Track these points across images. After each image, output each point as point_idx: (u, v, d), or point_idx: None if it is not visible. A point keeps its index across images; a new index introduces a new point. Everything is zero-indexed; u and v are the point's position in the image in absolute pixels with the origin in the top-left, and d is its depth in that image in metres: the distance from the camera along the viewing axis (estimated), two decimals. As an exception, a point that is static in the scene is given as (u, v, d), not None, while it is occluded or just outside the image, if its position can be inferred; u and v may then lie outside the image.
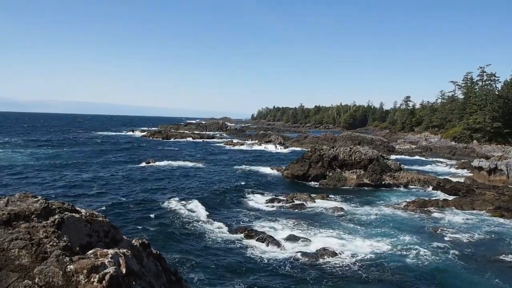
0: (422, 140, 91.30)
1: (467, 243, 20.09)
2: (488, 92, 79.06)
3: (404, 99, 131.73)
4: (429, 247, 19.15)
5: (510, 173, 39.50)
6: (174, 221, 21.48)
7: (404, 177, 37.28)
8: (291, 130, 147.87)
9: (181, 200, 26.90)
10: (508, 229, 22.85)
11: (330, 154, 38.90)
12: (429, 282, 14.97)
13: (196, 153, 60.35)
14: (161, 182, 33.18)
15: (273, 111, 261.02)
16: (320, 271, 15.74)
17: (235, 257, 17.06)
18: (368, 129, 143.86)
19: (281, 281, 14.75)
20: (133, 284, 3.17)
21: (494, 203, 27.88)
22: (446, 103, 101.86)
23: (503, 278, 15.58)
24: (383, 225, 22.73)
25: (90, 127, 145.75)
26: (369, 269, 16.03)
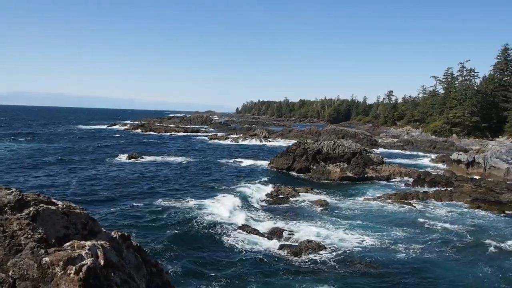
0: (404, 134, 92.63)
1: (449, 234, 20.50)
2: (468, 87, 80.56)
3: (387, 93, 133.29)
4: (411, 239, 19.50)
5: (487, 166, 40.44)
6: (163, 216, 21.30)
7: (386, 170, 37.80)
8: (275, 124, 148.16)
9: (168, 195, 26.77)
10: (487, 220, 23.43)
11: (314, 148, 39.14)
12: (414, 274, 15.23)
13: (181, 147, 59.94)
14: (147, 179, 32.71)
15: (257, 105, 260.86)
16: (304, 264, 15.87)
17: (217, 249, 17.06)
18: (352, 123, 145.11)
19: (264, 273, 14.81)
20: (111, 276, 3.12)
21: (471, 195, 28.54)
22: (427, 97, 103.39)
23: (487, 268, 15.98)
24: (366, 218, 23.03)
25: (70, 120, 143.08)
26: (353, 261, 16.23)
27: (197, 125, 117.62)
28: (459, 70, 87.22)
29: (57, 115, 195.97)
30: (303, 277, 14.51)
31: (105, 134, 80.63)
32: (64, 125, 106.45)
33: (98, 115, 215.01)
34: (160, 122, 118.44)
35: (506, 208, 26.01)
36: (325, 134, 74.76)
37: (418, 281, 14.49)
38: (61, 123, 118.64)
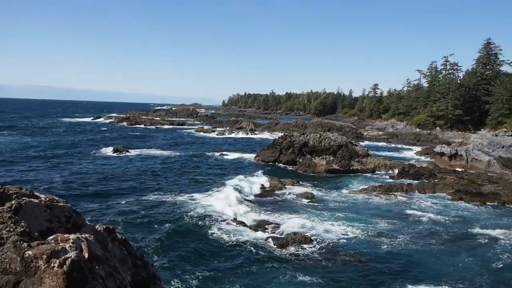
0: (389, 127, 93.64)
1: (433, 225, 20.88)
2: (451, 80, 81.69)
3: (372, 86, 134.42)
4: (396, 230, 19.81)
5: (469, 158, 41.19)
6: (150, 211, 21.16)
7: (371, 162, 38.21)
8: (262, 117, 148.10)
9: (156, 189, 26.63)
10: (469, 211, 23.91)
11: (301, 141, 39.31)
12: (397, 265, 15.48)
13: (167, 141, 59.54)
14: (133, 173, 32.41)
15: (244, 98, 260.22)
16: (290, 255, 16.00)
17: (204, 242, 17.07)
18: (338, 116, 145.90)
19: (250, 264, 14.90)
20: (96, 269, 3.10)
21: (454, 187, 29.07)
22: (412, 91, 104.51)
23: (469, 258, 16.34)
24: (351, 210, 23.28)
25: (54, 113, 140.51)
26: (338, 253, 16.43)
27: (183, 118, 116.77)
28: (443, 64, 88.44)
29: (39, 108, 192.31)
30: (289, 268, 14.63)
31: (90, 127, 79.51)
32: (47, 118, 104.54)
33: (83, 108, 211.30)
34: (145, 115, 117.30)
35: (487, 200, 26.57)
36: (311, 127, 75.10)
37: (402, 272, 14.73)
38: (44, 116, 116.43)
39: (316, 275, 14.17)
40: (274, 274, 14.18)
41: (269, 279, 13.78)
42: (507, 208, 25.14)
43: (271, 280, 13.75)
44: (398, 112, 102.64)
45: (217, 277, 13.76)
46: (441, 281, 13.87)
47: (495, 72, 79.30)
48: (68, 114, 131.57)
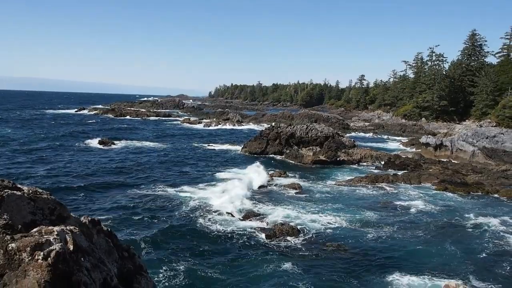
0: (375, 118, 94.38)
1: (417, 215, 21.19)
2: (437, 71, 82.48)
3: (359, 77, 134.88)
4: (381, 220, 20.06)
5: (454, 148, 41.84)
6: (138, 204, 21.03)
7: (358, 153, 38.51)
8: (249, 108, 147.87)
9: (142, 182, 26.46)
10: (454, 201, 24.33)
11: (288, 132, 39.39)
12: (382, 255, 15.70)
13: (153, 132, 59.07)
14: (119, 165, 32.07)
15: (231, 89, 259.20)
16: (277, 245, 16.09)
17: (192, 233, 17.07)
18: (325, 107, 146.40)
19: (236, 254, 14.95)
20: (81, 261, 3.05)
21: (439, 177, 29.51)
22: (398, 82, 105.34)
23: (453, 248, 16.64)
24: (338, 201, 23.49)
25: (36, 104, 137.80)
26: (325, 243, 16.57)
27: (169, 110, 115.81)
28: (429, 55, 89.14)
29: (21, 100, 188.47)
30: (275, 258, 14.73)
31: (74, 119, 78.26)
32: (29, 110, 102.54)
33: (65, 99, 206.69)
34: (130, 107, 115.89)
35: (471, 189, 27.07)
36: (298, 118, 75.28)
37: (386, 262, 14.94)
38: (26, 107, 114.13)
39: (301, 264, 14.31)
40: (260, 264, 14.27)
41: (255, 269, 13.86)
42: (490, 198, 25.65)
43: (257, 269, 13.83)
44: (384, 103, 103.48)
45: (204, 265, 13.80)
46: (425, 271, 14.10)
47: (480, 63, 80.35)
48: (50, 105, 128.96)
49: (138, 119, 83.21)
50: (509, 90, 64.06)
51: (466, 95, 74.84)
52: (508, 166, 35.23)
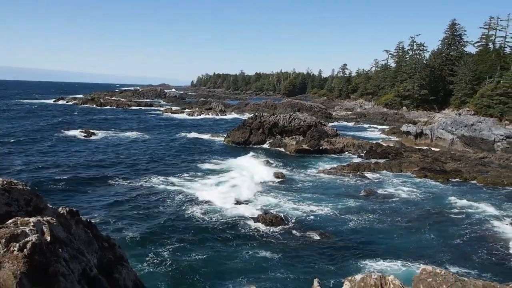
0: (357, 107, 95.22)
1: (398, 203, 21.55)
2: (417, 61, 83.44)
3: (341, 67, 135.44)
4: (363, 208, 20.33)
5: (433, 137, 42.59)
6: (125, 195, 20.78)
7: (340, 142, 38.83)
8: (232, 97, 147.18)
9: (126, 173, 26.14)
10: (433, 188, 24.82)
11: (271, 121, 39.41)
12: (362, 242, 15.95)
13: (135, 122, 58.28)
14: (102, 156, 31.60)
15: (213, 78, 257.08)
16: (260, 234, 16.16)
17: (174, 220, 17.03)
18: (307, 96, 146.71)
19: (221, 243, 14.97)
20: (59, 252, 2.98)
21: (419, 165, 30.03)
22: (380, 71, 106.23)
23: (431, 235, 17.00)
24: (321, 189, 23.69)
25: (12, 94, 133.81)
26: (306, 230, 16.73)
27: (150, 99, 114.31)
28: (410, 44, 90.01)
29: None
30: (258, 246, 14.82)
31: (51, 109, 76.38)
32: (4, 100, 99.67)
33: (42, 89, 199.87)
34: (111, 96, 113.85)
35: (450, 176, 27.66)
36: (281, 108, 75.33)
37: (363, 248, 15.16)
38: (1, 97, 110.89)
39: (284, 251, 14.47)
40: (243, 251, 14.33)
41: (238, 257, 13.93)
42: (468, 184, 26.26)
43: (240, 257, 13.91)
44: (366, 92, 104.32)
45: (189, 254, 13.80)
46: (402, 256, 14.35)
47: (459, 53, 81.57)
48: (27, 95, 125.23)
49: (119, 109, 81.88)
50: (487, 79, 65.34)
51: (446, 84, 76.00)
52: (486, 153, 36.09)
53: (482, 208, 20.58)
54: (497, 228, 17.61)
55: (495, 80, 60.97)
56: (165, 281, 12.08)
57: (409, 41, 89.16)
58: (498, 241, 16.10)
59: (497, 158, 34.40)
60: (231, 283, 12.13)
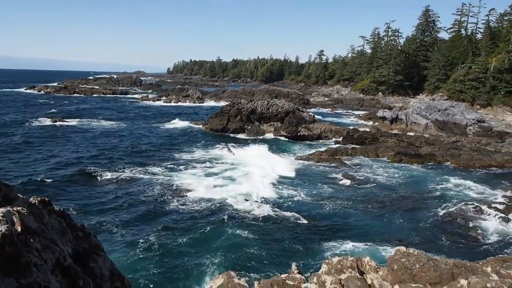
0: (334, 93, 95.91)
1: (373, 187, 21.97)
2: (392, 47, 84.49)
3: (318, 53, 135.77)
4: (339, 192, 20.66)
5: (408, 122, 43.44)
6: (105, 185, 20.44)
7: (318, 128, 39.16)
8: (209, 84, 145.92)
9: (106, 163, 25.69)
10: (408, 172, 25.40)
11: (249, 108, 39.31)
12: (336, 226, 16.26)
13: (110, 110, 57.17)
14: (75, 144, 30.98)
15: (190, 65, 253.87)
16: (236, 219, 16.24)
17: (157, 207, 16.94)
18: (285, 82, 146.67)
19: (200, 226, 14.99)
20: (31, 242, 2.89)
21: (395, 149, 30.64)
22: (356, 57, 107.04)
23: (401, 219, 17.43)
24: (298, 175, 23.91)
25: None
26: (286, 215, 16.91)
27: (126, 87, 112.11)
28: (385, 31, 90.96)
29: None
30: (237, 229, 14.92)
31: (24, 98, 73.97)
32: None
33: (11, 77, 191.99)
34: (85, 84, 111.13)
35: (425, 160, 28.35)
36: (258, 94, 75.23)
37: (336, 232, 15.52)
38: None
39: (260, 234, 14.73)
40: (222, 234, 14.44)
41: (218, 239, 14.02)
42: (442, 168, 26.98)
43: (220, 239, 14.01)
44: (343, 78, 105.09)
45: (172, 240, 13.79)
46: (375, 239, 14.72)
47: (433, 39, 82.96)
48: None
49: (93, 97, 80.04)
50: (459, 65, 66.80)
51: (420, 70, 77.31)
52: (458, 137, 37.09)
53: (454, 191, 21.22)
54: (469, 210, 18.19)
55: (467, 66, 62.39)
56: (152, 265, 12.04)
57: (385, 27, 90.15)
58: (469, 222, 16.65)
59: (469, 142, 35.42)
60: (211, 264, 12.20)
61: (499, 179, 23.65)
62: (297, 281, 4.92)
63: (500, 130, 39.13)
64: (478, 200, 19.35)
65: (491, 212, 16.93)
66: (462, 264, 4.55)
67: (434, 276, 4.39)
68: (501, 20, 76.21)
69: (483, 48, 67.59)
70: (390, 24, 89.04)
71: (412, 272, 4.52)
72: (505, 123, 42.88)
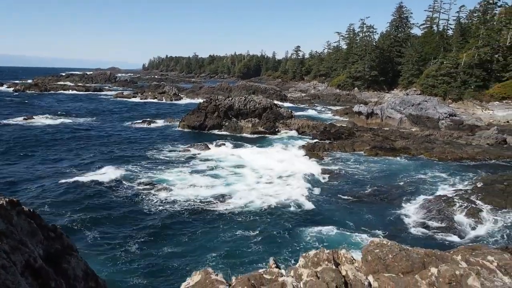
0: (311, 89, 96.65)
1: (350, 180, 22.29)
2: (367, 43, 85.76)
3: (294, 49, 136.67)
4: (314, 186, 20.88)
5: (383, 116, 44.21)
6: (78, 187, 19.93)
7: (295, 123, 39.41)
8: (185, 81, 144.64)
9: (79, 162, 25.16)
10: (383, 165, 25.88)
11: (226, 104, 39.18)
12: (323, 222, 16.43)
13: (83, 108, 55.90)
14: (45, 143, 30.19)
15: (166, 61, 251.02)
16: (218, 217, 16.23)
17: (134, 207, 16.71)
18: (262, 78, 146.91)
19: (178, 225, 14.90)
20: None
21: (370, 144, 31.15)
22: (332, 53, 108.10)
23: (369, 215, 17.77)
24: (277, 171, 24.01)
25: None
26: (264, 212, 16.99)
27: (100, 84, 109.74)
28: (360, 27, 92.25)
29: None
30: (213, 227, 14.91)
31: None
32: None
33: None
34: (56, 81, 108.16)
35: (399, 153, 28.95)
36: (236, 90, 75.03)
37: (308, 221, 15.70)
38: None
39: (240, 228, 14.69)
40: (197, 233, 14.37)
41: (192, 237, 13.95)
42: (416, 160, 27.58)
43: (194, 237, 13.94)
44: (319, 73, 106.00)
45: (153, 241, 13.63)
46: (346, 232, 14.98)
47: (406, 35, 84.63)
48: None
49: (65, 94, 78.03)
50: (431, 60, 68.37)
51: (394, 65, 78.76)
52: (431, 131, 38.01)
53: (427, 183, 21.76)
54: (442, 201, 18.65)
55: (439, 61, 63.93)
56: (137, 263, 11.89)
57: (360, 23, 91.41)
58: (442, 213, 17.09)
59: (442, 135, 36.35)
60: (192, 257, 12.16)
61: (470, 171, 24.37)
62: (275, 275, 4.96)
63: (471, 123, 40.31)
64: (450, 191, 19.89)
65: (462, 203, 17.43)
66: (433, 253, 4.68)
67: (406, 265, 4.52)
68: (470, 17, 78.45)
69: (454, 44, 69.42)
70: (365, 20, 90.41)
71: (386, 262, 4.63)
72: (475, 117, 44.23)
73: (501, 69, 56.87)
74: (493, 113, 49.66)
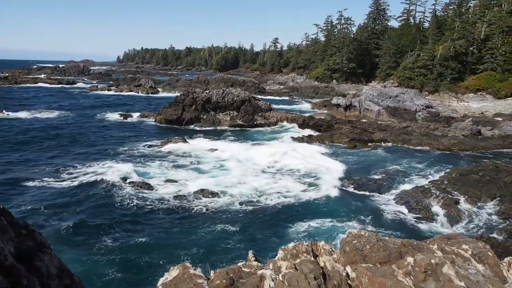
0: (289, 81, 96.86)
1: (324, 174, 22.51)
2: (345, 35, 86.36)
3: (272, 41, 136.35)
4: (300, 181, 21.01)
5: (361, 108, 44.76)
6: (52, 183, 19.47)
7: (274, 116, 39.46)
8: (162, 73, 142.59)
9: (44, 159, 24.52)
10: (361, 157, 26.24)
11: (204, 97, 38.87)
12: (302, 213, 16.56)
13: (56, 101, 54.38)
14: (22, 139, 29.23)
15: (141, 53, 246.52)
16: (199, 212, 16.16)
17: (109, 206, 16.43)
18: (240, 71, 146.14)
19: (157, 221, 14.77)
20: (-35, 244, 2.70)
21: (349, 136, 31.51)
22: (310, 45, 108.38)
23: (365, 201, 18.02)
24: (255, 164, 24.03)
25: None
26: (247, 206, 17.01)
27: (73, 76, 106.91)
28: (338, 19, 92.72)
29: None
30: (193, 223, 14.86)
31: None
32: None
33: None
34: (27, 74, 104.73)
35: (377, 145, 29.42)
36: (213, 83, 74.55)
37: (294, 217, 15.83)
38: None
39: (215, 222, 14.72)
40: (185, 228, 14.31)
41: (171, 232, 13.86)
42: (393, 151, 28.04)
43: (172, 233, 13.86)
44: (298, 66, 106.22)
45: (134, 237, 13.44)
46: (324, 222, 15.20)
47: (384, 27, 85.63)
48: None
49: (37, 88, 75.65)
50: (408, 53, 69.48)
51: (372, 57, 79.63)
52: (408, 123, 38.73)
53: (405, 173, 22.19)
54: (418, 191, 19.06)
55: (415, 54, 65.03)
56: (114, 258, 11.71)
57: (337, 15, 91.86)
58: (419, 203, 17.46)
59: (418, 127, 37.08)
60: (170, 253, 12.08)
61: (446, 162, 24.94)
62: (254, 268, 4.95)
63: (447, 115, 41.23)
64: (427, 182, 20.32)
65: (439, 194, 17.84)
66: (409, 243, 4.77)
67: (383, 255, 4.58)
68: (446, 9, 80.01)
69: (430, 36, 70.72)
70: (342, 12, 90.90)
71: (363, 253, 4.69)
72: (451, 109, 45.24)
73: (475, 62, 58.32)
74: (468, 105, 50.97)
